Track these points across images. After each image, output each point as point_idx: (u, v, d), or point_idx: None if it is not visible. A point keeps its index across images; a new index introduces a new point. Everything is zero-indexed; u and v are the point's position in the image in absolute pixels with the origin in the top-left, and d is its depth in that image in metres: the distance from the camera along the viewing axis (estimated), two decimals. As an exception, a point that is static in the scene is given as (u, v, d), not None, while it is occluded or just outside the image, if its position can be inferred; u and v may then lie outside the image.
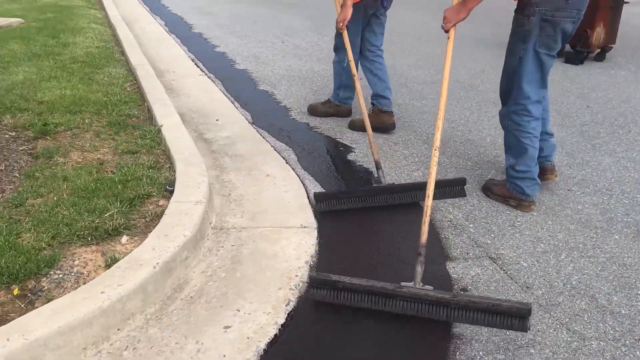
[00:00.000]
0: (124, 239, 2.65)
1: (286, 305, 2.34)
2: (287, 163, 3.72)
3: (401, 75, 5.93)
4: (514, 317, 2.06)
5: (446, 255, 2.71)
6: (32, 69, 5.25)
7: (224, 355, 2.06)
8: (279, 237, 2.85)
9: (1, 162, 3.34)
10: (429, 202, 2.41)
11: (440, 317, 2.16)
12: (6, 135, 3.80)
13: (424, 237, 2.33)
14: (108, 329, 2.14)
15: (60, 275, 2.34)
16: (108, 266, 2.40)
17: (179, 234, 2.56)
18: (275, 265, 2.60)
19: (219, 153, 3.88)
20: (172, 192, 2.97)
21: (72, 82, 4.87)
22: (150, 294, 2.30)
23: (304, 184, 3.40)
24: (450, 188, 3.11)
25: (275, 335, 2.19)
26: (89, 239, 2.59)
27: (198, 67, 6.22)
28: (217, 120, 4.53)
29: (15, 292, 2.21)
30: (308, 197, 3.25)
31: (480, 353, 2.09)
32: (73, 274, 2.36)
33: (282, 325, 2.24)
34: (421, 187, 2.85)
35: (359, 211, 3.13)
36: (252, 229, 2.92)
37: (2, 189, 3.07)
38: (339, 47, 4.29)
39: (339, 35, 4.06)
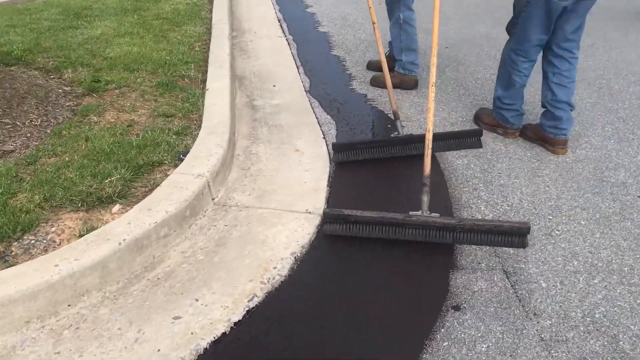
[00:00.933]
0: (116, 207, 2.56)
1: (248, 301, 2.14)
2: (323, 138, 3.44)
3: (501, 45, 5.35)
4: (514, 235, 2.24)
5: (452, 262, 2.34)
6: (113, 24, 5.34)
7: (159, 350, 1.91)
8: (278, 221, 2.62)
9: (39, 117, 3.37)
10: (429, 135, 2.58)
11: (447, 240, 2.33)
12: (60, 90, 3.86)
13: (427, 169, 2.51)
14: (56, 304, 2.06)
15: (32, 241, 2.30)
16: (81, 236, 2.30)
17: (161, 209, 2.42)
18: (258, 253, 2.39)
19: (259, 122, 3.69)
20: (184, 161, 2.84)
21: (144, 39, 4.89)
22: (112, 271, 2.20)
23: (330, 163, 3.12)
24: (465, 139, 3.24)
25: (224, 333, 2.01)
26: (79, 205, 2.53)
27: (282, 28, 6.02)
28: (274, 86, 4.33)
29: (-20, 255, 2.19)
30: (329, 179, 2.97)
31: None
32: (46, 241, 2.31)
33: (235, 323, 2.05)
34: (440, 137, 3.10)
35: (379, 198, 2.87)
36: (254, 209, 2.72)
37: (28, 144, 3.10)
38: (391, 10, 4.05)
39: None
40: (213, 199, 2.79)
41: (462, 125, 3.66)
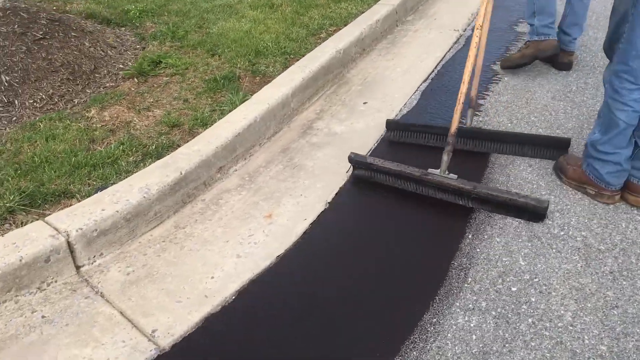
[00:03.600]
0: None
1: None
2: (328, 203, 2.39)
3: None
4: (529, 212, 2.16)
5: None
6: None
7: None
8: (99, 336, 1.85)
9: (48, 98, 3.01)
10: (463, 88, 2.29)
11: (461, 203, 2.26)
12: (120, 65, 3.47)
13: (453, 126, 2.29)
14: None
15: None
16: None
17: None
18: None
19: (286, 155, 2.81)
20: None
21: (273, 14, 4.22)
22: None
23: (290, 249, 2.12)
24: (543, 148, 2.61)
25: None
26: None
27: (472, 17, 4.68)
28: (364, 103, 3.29)
29: None
30: (252, 281, 1.99)
31: None
32: None
33: None
34: (513, 138, 2.64)
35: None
36: (101, 303, 1.97)
37: (-4, 133, 2.74)
38: None
39: None
40: (80, 267, 2.05)
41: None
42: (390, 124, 2.84)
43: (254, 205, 2.41)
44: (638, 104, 2.12)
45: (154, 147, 2.60)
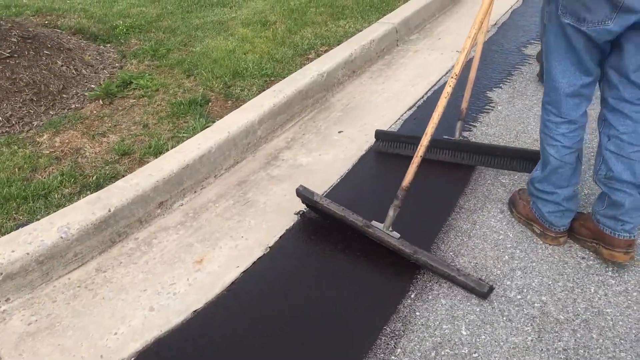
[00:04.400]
0: None
1: None
2: (268, 248, 2.18)
3: None
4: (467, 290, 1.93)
5: None
6: (262, 6, 4.58)
7: None
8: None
9: (5, 120, 2.88)
10: (425, 140, 2.01)
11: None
12: (92, 85, 3.33)
13: (407, 179, 2.04)
14: None
15: None
16: None
17: None
18: None
19: (241, 188, 2.61)
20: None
21: (263, 33, 4.02)
22: None
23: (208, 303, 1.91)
24: (519, 161, 2.57)
25: None
26: None
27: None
28: (340, 132, 3.06)
29: None
30: (147, 349, 1.79)
31: None
32: None
33: None
34: (499, 152, 2.59)
35: None
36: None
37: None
38: None
39: None
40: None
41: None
42: (379, 135, 2.84)
43: (187, 248, 2.20)
44: (567, 139, 1.96)
45: (94, 178, 2.44)
